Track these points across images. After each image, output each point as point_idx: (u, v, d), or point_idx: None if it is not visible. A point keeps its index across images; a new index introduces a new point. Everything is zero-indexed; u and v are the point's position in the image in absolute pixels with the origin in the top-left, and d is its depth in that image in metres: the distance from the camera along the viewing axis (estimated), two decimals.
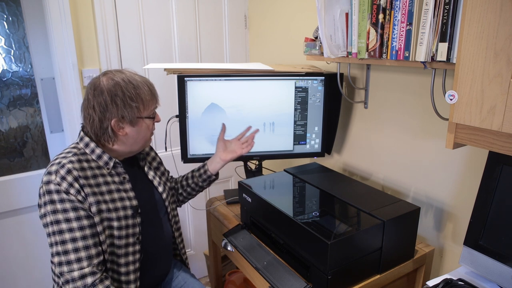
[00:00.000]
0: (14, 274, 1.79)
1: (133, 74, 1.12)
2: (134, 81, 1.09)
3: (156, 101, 1.16)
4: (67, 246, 1.01)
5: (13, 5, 1.72)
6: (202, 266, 2.30)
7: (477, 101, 0.81)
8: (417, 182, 1.38)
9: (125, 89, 1.07)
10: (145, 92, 1.10)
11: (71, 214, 1.02)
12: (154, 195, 1.25)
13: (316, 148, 1.60)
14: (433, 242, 1.35)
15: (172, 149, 2.00)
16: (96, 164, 1.11)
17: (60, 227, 1.01)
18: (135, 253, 1.14)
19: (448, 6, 0.95)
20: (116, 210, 1.10)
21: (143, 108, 1.11)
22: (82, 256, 1.02)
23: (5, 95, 1.79)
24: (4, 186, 1.69)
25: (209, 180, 1.42)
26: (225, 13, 2.08)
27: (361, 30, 1.20)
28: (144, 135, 1.15)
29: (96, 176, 1.09)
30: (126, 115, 1.08)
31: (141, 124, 1.12)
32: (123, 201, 1.12)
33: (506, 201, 0.97)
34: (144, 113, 1.12)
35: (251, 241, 1.30)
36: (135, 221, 1.14)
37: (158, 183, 1.27)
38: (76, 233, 1.02)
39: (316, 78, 1.52)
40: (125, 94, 1.06)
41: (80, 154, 1.09)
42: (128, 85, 1.07)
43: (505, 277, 0.96)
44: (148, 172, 1.25)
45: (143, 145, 1.18)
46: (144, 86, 1.11)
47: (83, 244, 1.02)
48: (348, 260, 1.03)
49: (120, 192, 1.12)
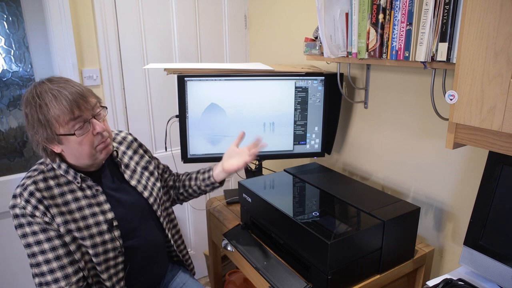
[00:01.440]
0: (14, 274, 1.79)
1: (52, 84, 0.98)
2: (46, 94, 0.96)
3: (78, 114, 0.98)
4: (42, 268, 1.00)
5: (13, 5, 1.72)
6: (202, 266, 2.30)
7: (477, 101, 0.81)
8: (417, 182, 1.38)
9: (34, 107, 0.96)
10: (56, 106, 0.95)
11: (40, 236, 0.99)
12: (139, 202, 1.18)
13: (316, 148, 1.60)
14: (433, 242, 1.35)
15: (172, 149, 2.00)
16: (65, 179, 1.05)
17: (32, 250, 0.99)
18: (117, 265, 1.10)
19: (448, 6, 0.95)
20: (87, 227, 1.04)
21: (57, 124, 0.96)
22: (59, 276, 1.00)
23: (5, 95, 1.79)
24: (4, 186, 1.69)
25: (213, 187, 1.35)
26: (225, 13, 2.08)
27: (361, 30, 1.20)
28: (79, 151, 1.01)
29: (64, 194, 1.03)
30: (45, 136, 0.97)
31: (67, 141, 0.99)
32: (95, 217, 1.06)
33: (506, 201, 0.97)
34: (61, 130, 0.97)
35: (251, 241, 1.30)
36: (112, 235, 1.08)
37: (144, 187, 1.20)
38: (49, 255, 0.99)
39: (316, 78, 1.52)
40: (32, 114, 0.96)
41: (47, 171, 1.03)
42: (36, 102, 0.96)
43: (505, 277, 0.96)
44: (131, 177, 1.18)
45: (92, 159, 1.04)
46: (59, 97, 0.95)
47: (57, 264, 1.00)
48: (348, 260, 1.03)
49: (91, 208, 1.06)
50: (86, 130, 1.00)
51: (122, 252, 1.11)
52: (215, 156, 1.54)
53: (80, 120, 0.99)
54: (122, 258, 1.11)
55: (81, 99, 0.98)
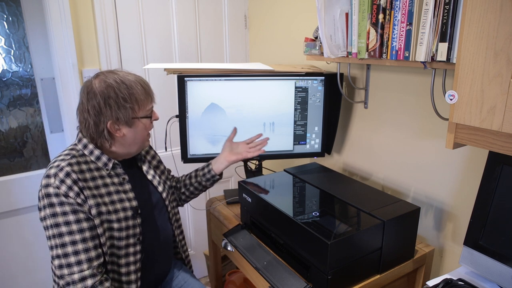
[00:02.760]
0: (14, 274, 1.79)
1: (126, 74, 1.09)
2: (127, 81, 1.07)
3: (151, 99, 1.14)
4: (67, 249, 1.01)
5: (13, 5, 1.72)
6: (202, 266, 2.30)
7: (477, 101, 0.81)
8: (417, 182, 1.38)
9: (118, 90, 1.05)
10: (139, 92, 1.08)
11: (70, 217, 1.01)
12: (154, 195, 1.24)
13: (316, 148, 1.60)
14: (433, 242, 1.35)
15: (172, 149, 2.00)
16: (95, 165, 1.10)
17: (60, 230, 1.01)
18: (136, 254, 1.14)
19: (448, 6, 0.95)
20: (116, 211, 1.09)
21: (138, 108, 1.09)
22: (82, 258, 1.02)
23: (5, 95, 1.79)
24: (4, 186, 1.69)
25: (213, 180, 1.41)
26: (225, 13, 2.08)
27: (361, 30, 1.20)
28: (141, 135, 1.14)
29: (95, 178, 1.08)
30: (121, 117, 1.06)
31: (137, 124, 1.11)
32: (122, 203, 1.11)
33: (506, 201, 0.97)
34: (140, 113, 1.10)
35: (251, 241, 1.30)
36: (136, 221, 1.13)
37: (158, 182, 1.26)
38: (76, 236, 1.02)
39: (316, 78, 1.52)
40: (118, 95, 1.05)
41: (79, 156, 1.08)
42: (121, 86, 1.05)
43: (505, 277, 0.96)
44: (147, 172, 1.25)
45: (141, 145, 1.17)
46: (137, 85, 1.08)
47: (83, 246, 1.02)
48: (348, 260, 1.03)
49: (119, 194, 1.12)
50: (152, 116, 1.16)
51: (140, 240, 1.15)
52: (215, 156, 1.54)
53: (151, 107, 1.15)
54: (140, 247, 1.15)
55: (149, 88, 1.13)
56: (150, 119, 1.15)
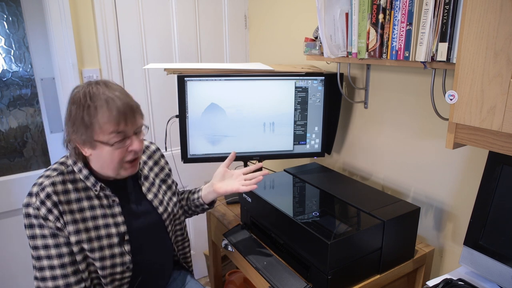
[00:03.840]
0: (14, 274, 1.79)
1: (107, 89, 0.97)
2: (99, 98, 0.94)
3: (123, 124, 0.97)
4: (45, 273, 0.98)
5: (13, 5, 1.72)
6: (202, 266, 2.30)
7: (477, 101, 0.81)
8: (417, 182, 1.38)
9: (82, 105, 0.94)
10: (105, 113, 0.94)
11: (49, 240, 0.97)
12: (151, 217, 1.15)
13: (316, 148, 1.60)
14: (433, 242, 1.35)
15: (172, 149, 2.00)
16: (83, 184, 1.03)
17: (39, 254, 0.98)
18: (123, 279, 1.09)
19: (448, 6, 0.95)
20: (98, 238, 1.02)
21: (99, 130, 0.95)
22: (60, 284, 0.99)
23: (5, 95, 1.79)
24: (4, 186, 1.69)
25: (202, 208, 1.31)
26: (225, 13, 2.08)
27: (361, 30, 1.20)
28: (108, 163, 1.00)
29: (81, 200, 1.01)
30: (79, 136, 0.96)
31: (100, 148, 0.97)
32: (108, 228, 1.04)
33: (506, 201, 0.97)
34: (100, 136, 0.96)
35: (251, 241, 1.30)
36: (123, 249, 1.05)
37: (160, 202, 1.17)
38: (54, 261, 0.98)
39: (316, 78, 1.52)
40: (77, 112, 0.94)
41: (67, 173, 1.01)
42: (86, 102, 0.94)
43: (505, 277, 0.96)
44: (148, 191, 1.16)
45: (117, 172, 1.03)
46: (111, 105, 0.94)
47: (61, 272, 0.98)
48: (348, 260, 1.03)
49: (106, 218, 1.04)
50: (123, 145, 0.99)
51: (130, 268, 1.08)
52: (215, 156, 1.54)
53: (122, 135, 0.98)
54: (129, 273, 1.09)
55: (131, 114, 0.98)
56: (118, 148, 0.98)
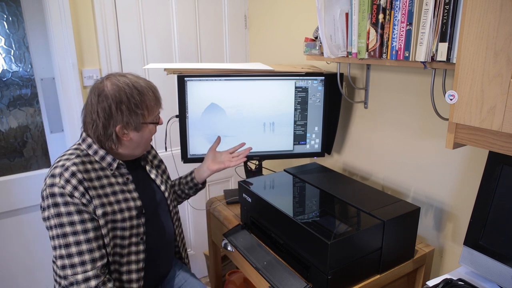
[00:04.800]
0: (14, 274, 1.79)
1: (136, 78, 1.10)
2: (139, 87, 1.08)
3: (160, 105, 1.16)
4: (71, 249, 1.01)
5: (13, 5, 1.72)
6: (202, 266, 2.30)
7: (477, 101, 0.81)
8: (417, 182, 1.38)
9: (130, 96, 1.05)
10: (150, 98, 1.10)
11: (75, 217, 1.01)
12: (157, 194, 1.25)
13: (316, 148, 1.60)
14: (433, 242, 1.35)
15: (172, 149, 2.00)
16: (99, 165, 1.10)
17: (64, 230, 1.01)
18: (139, 253, 1.15)
19: (448, 6, 0.95)
20: (121, 211, 1.09)
21: (147, 114, 1.11)
22: (86, 259, 1.02)
23: (5, 95, 1.79)
24: (4, 186, 1.69)
25: (196, 188, 1.43)
26: (225, 13, 2.08)
27: (361, 30, 1.20)
28: (147, 139, 1.16)
29: (100, 178, 1.09)
30: (131, 122, 1.07)
31: (145, 129, 1.12)
32: (127, 202, 1.12)
33: (506, 201, 0.97)
34: (149, 118, 1.12)
35: (251, 241, 1.30)
36: (140, 221, 1.14)
37: (161, 181, 1.27)
38: (80, 237, 1.02)
39: (316, 78, 1.52)
40: (131, 101, 1.05)
41: (83, 156, 1.08)
42: (133, 91, 1.06)
43: (505, 277, 0.96)
44: (150, 171, 1.25)
45: (145, 148, 1.18)
46: (148, 91, 1.10)
47: (87, 247, 1.02)
48: (348, 260, 1.03)
49: (124, 193, 1.12)
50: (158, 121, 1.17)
51: (143, 240, 1.15)
52: None
53: (158, 112, 1.16)
54: (143, 246, 1.15)
55: (159, 94, 1.15)
56: (156, 124, 1.17)
